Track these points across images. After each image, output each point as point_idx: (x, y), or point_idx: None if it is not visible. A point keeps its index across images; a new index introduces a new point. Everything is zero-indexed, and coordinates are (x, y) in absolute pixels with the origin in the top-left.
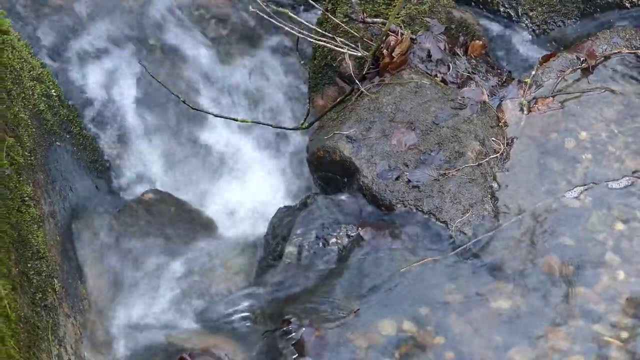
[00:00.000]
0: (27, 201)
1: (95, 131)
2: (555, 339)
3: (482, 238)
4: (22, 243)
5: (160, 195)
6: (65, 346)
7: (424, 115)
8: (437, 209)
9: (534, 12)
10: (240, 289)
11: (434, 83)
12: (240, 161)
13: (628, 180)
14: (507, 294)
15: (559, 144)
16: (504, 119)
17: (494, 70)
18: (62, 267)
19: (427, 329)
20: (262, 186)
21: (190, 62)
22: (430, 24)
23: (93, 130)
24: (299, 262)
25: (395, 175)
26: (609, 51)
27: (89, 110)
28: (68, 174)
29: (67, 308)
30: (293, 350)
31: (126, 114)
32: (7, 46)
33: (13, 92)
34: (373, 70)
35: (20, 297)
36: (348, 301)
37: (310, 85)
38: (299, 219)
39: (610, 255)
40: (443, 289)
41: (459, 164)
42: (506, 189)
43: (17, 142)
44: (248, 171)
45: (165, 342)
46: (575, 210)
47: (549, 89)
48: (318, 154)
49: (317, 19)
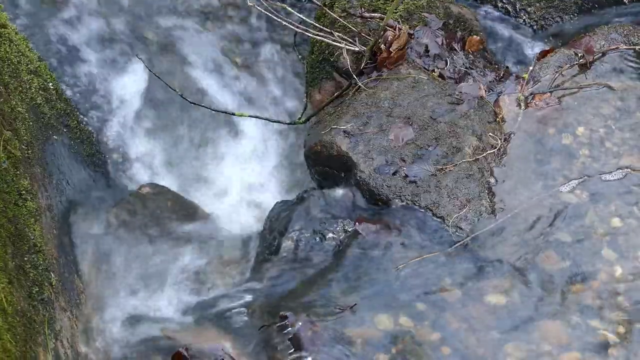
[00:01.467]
0: (23, 195)
1: (92, 125)
2: (552, 334)
3: (479, 233)
4: (18, 237)
5: (157, 189)
6: (62, 340)
7: (422, 110)
8: (434, 204)
9: (532, 8)
10: (236, 284)
11: (431, 78)
12: (238, 155)
13: (622, 172)
14: (503, 289)
15: (556, 140)
16: (501, 114)
17: (491, 66)
18: (58, 260)
19: (424, 324)
20: (259, 180)
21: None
22: (428, 19)
23: (90, 123)
24: (295, 257)
25: (392, 170)
26: (606, 47)
27: (87, 104)
28: (65, 168)
29: (64, 302)
30: (289, 345)
31: (124, 108)
32: (5, 40)
33: (10, 86)
34: (370, 65)
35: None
36: (345, 296)
37: (307, 79)
38: (295, 213)
39: (607, 250)
40: (440, 284)
41: (456, 159)
42: (503, 185)
43: (14, 135)
44: (245, 165)
45: (161, 336)
46: (573, 206)
47: (546, 85)
48: (315, 149)
49: (315, 13)
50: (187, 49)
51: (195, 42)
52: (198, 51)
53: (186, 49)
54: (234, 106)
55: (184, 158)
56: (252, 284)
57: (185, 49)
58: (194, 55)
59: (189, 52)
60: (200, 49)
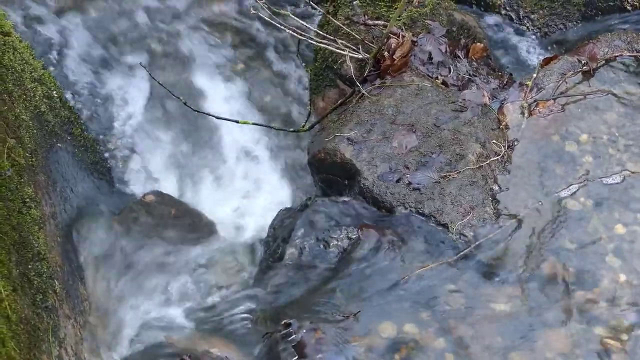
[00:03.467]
0: (28, 202)
1: (96, 133)
2: (555, 342)
3: (482, 241)
4: (22, 244)
5: (161, 197)
6: (66, 347)
7: (425, 118)
8: (438, 212)
9: (535, 15)
10: (240, 291)
11: (435, 85)
12: (242, 163)
13: (621, 176)
14: (507, 296)
15: (559, 147)
16: (504, 121)
17: (495, 73)
18: (62, 268)
19: (428, 330)
20: (263, 188)
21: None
22: (431, 27)
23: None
24: (299, 264)
25: (396, 178)
26: (610, 54)
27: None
28: (69, 176)
29: (68, 309)
30: (293, 352)
31: (128, 116)
32: (9, 48)
33: (14, 94)
34: (374, 72)
35: (21, 298)
36: (348, 303)
37: (311, 87)
38: (299, 221)
39: (610, 257)
40: (444, 291)
41: (459, 166)
42: (507, 192)
43: (18, 143)
44: (249, 173)
45: (165, 343)
46: (576, 213)
47: (550, 92)
48: (319, 156)
49: (319, 21)
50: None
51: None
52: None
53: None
54: (237, 114)
55: (188, 166)
56: (256, 291)
57: (189, 56)
58: (197, 62)
59: (192, 59)
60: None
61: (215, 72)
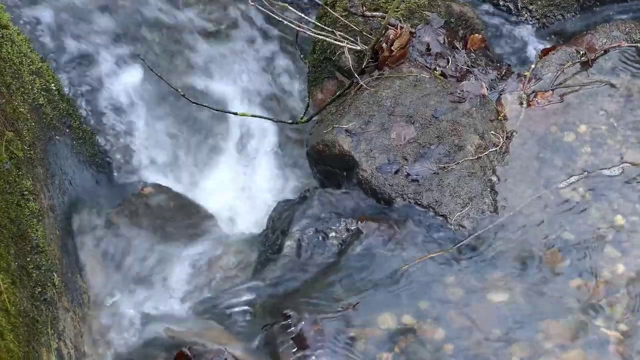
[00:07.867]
0: (26, 195)
1: (95, 125)
2: (555, 333)
3: (481, 232)
4: (21, 237)
5: (160, 190)
6: (65, 340)
7: (424, 109)
8: (437, 203)
9: (533, 6)
10: (239, 283)
11: (433, 77)
12: (240, 155)
13: (620, 168)
14: (506, 287)
15: (558, 138)
16: (503, 112)
17: (493, 64)
18: (61, 261)
19: (427, 322)
20: (261, 180)
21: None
22: (429, 18)
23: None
24: (298, 256)
25: (394, 169)
26: (608, 45)
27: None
28: (67, 168)
29: (67, 302)
30: (292, 344)
31: (126, 108)
32: (7, 40)
33: (12, 86)
34: (372, 64)
35: (20, 291)
36: (347, 295)
37: (309, 79)
38: (298, 212)
39: (609, 248)
40: (443, 282)
41: (458, 157)
42: (505, 183)
43: (16, 136)
44: (247, 165)
45: (165, 335)
46: (575, 204)
47: (548, 83)
48: (317, 148)
49: (317, 12)
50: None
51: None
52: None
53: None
54: (235, 106)
55: (186, 158)
56: (255, 283)
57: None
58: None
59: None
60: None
61: (212, 64)
